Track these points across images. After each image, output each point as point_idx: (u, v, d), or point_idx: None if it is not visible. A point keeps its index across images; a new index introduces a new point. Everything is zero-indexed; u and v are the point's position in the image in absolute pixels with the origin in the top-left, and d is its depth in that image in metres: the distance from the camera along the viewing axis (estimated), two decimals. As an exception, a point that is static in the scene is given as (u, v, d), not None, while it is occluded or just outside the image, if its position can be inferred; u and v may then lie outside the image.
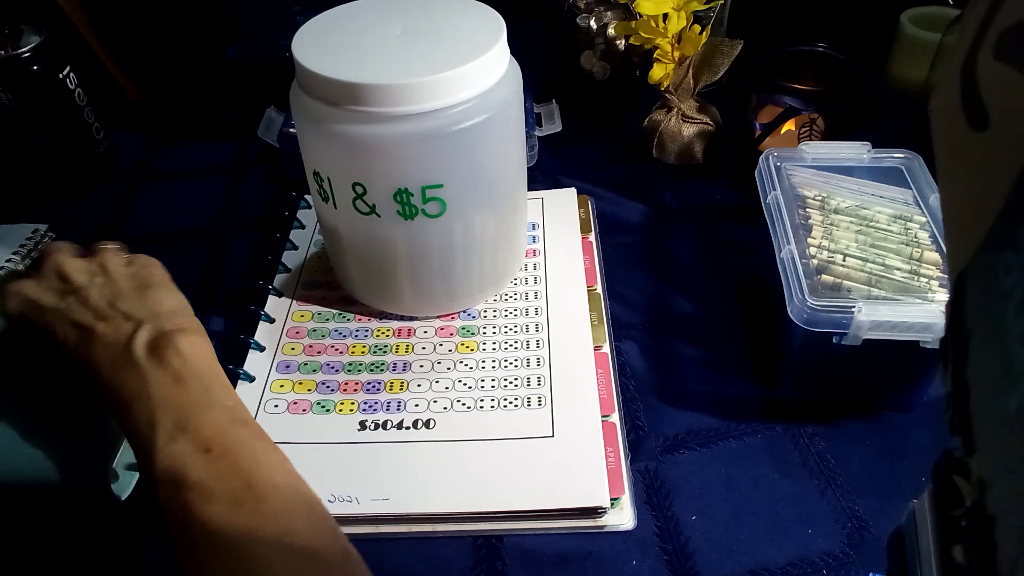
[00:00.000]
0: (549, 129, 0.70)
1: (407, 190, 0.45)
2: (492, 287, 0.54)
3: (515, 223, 0.53)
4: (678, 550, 0.41)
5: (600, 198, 0.65)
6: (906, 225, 0.49)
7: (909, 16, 0.72)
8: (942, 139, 0.17)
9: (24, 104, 0.63)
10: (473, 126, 0.44)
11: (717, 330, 0.53)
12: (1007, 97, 0.14)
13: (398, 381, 0.49)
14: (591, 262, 0.58)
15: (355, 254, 0.51)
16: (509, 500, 0.42)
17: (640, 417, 0.48)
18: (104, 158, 0.71)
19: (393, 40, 0.45)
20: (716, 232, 0.62)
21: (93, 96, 0.69)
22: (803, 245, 0.47)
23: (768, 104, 0.64)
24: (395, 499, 0.43)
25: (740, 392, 0.49)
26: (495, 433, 0.46)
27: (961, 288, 0.16)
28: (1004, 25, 0.14)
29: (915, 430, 0.46)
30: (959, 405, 0.16)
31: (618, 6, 0.68)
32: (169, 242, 0.63)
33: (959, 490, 0.17)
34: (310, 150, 0.47)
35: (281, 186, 0.68)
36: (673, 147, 0.67)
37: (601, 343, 0.51)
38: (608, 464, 0.44)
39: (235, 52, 0.77)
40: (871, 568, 0.40)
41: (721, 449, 0.46)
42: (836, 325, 0.42)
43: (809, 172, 0.53)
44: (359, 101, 0.42)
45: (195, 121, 0.78)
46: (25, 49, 0.62)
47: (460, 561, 0.41)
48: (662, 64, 0.64)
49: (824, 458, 0.45)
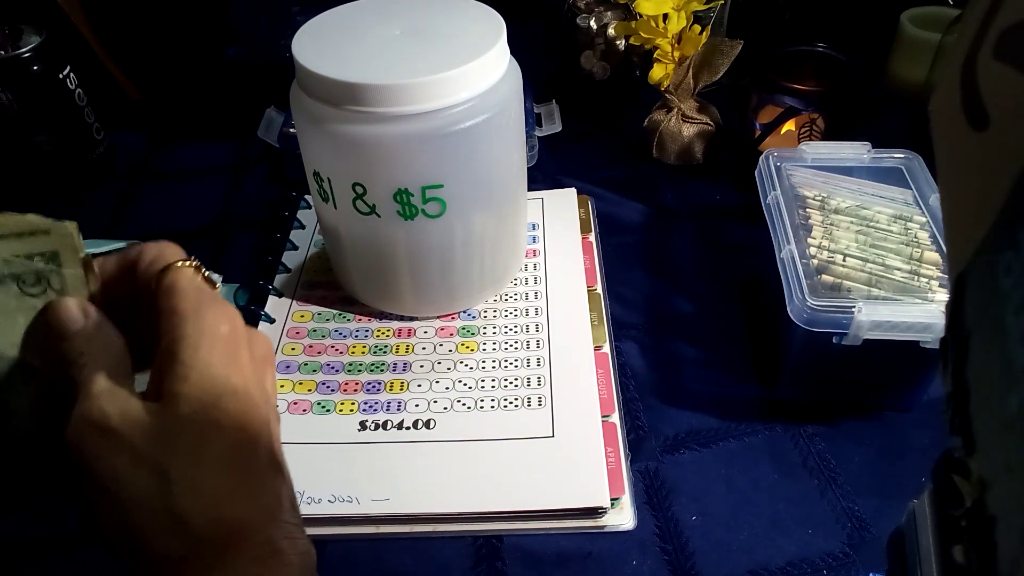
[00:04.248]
0: (549, 129, 0.70)
1: (407, 190, 0.45)
2: (492, 287, 0.54)
3: (515, 223, 0.53)
4: (678, 550, 0.41)
5: (600, 198, 0.65)
6: (906, 225, 0.49)
7: (909, 16, 0.72)
8: (942, 139, 0.17)
9: (24, 104, 0.63)
10: (473, 126, 0.44)
11: (717, 330, 0.53)
12: (1007, 97, 0.14)
13: (398, 381, 0.49)
14: (591, 262, 0.58)
15: (355, 254, 0.51)
16: (509, 500, 0.42)
17: (640, 417, 0.48)
18: (104, 158, 0.71)
19: (393, 40, 0.45)
20: (716, 232, 0.62)
21: (93, 96, 0.69)
22: (803, 245, 0.47)
23: (768, 104, 0.64)
24: (395, 499, 0.43)
25: (740, 392, 0.49)
26: (495, 433, 0.46)
27: (961, 288, 0.16)
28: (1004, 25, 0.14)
29: (915, 430, 0.46)
30: (959, 405, 0.16)
31: (618, 6, 0.68)
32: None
33: (959, 490, 0.17)
34: (310, 150, 0.47)
35: (281, 186, 0.68)
36: (673, 147, 0.67)
37: (601, 343, 0.51)
38: (608, 464, 0.44)
39: (235, 52, 0.77)
40: (871, 568, 0.40)
41: (721, 449, 0.46)
42: (836, 325, 0.42)
43: (809, 172, 0.53)
44: (359, 101, 0.42)
45: (195, 121, 0.78)
46: (25, 49, 0.62)
47: (460, 561, 0.41)
48: (662, 64, 0.64)
49: (824, 458, 0.45)
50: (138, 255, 0.30)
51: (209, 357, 0.27)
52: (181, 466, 0.26)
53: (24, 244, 0.27)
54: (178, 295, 0.28)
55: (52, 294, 0.28)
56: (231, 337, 0.28)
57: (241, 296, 0.56)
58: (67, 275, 0.28)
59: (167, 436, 0.26)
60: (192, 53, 0.78)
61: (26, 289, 0.28)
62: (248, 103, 0.73)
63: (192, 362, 0.26)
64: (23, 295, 0.28)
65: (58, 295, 0.28)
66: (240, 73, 0.77)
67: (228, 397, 0.27)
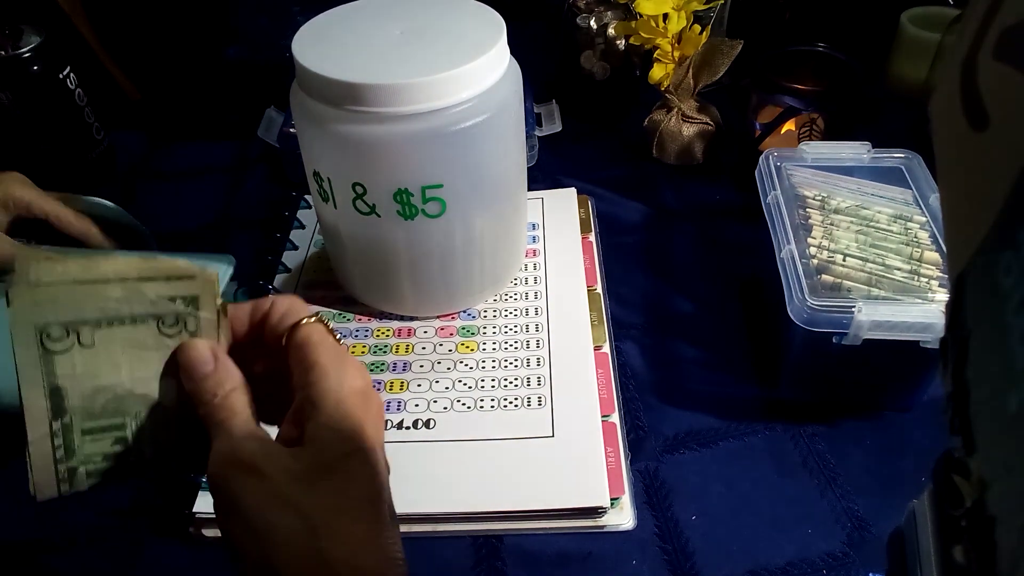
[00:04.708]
0: (549, 129, 0.70)
1: (407, 190, 0.45)
2: (492, 287, 0.54)
3: (515, 223, 0.53)
4: (678, 550, 0.41)
5: (600, 198, 0.65)
6: (906, 225, 0.49)
7: (909, 16, 0.72)
8: (942, 139, 0.17)
9: (24, 104, 0.63)
10: (473, 126, 0.44)
11: (717, 330, 0.53)
12: (1007, 97, 0.14)
13: (398, 381, 0.49)
14: (591, 262, 0.58)
15: (355, 254, 0.51)
16: (509, 500, 0.42)
17: (640, 417, 0.48)
18: (104, 158, 0.71)
19: (393, 40, 0.45)
20: (716, 232, 0.62)
21: (93, 96, 0.68)
22: (803, 245, 0.47)
23: (768, 104, 0.64)
24: (395, 499, 0.42)
25: (740, 392, 0.49)
26: (495, 433, 0.46)
27: (961, 288, 0.16)
28: (1004, 25, 0.14)
29: (915, 430, 0.46)
30: (959, 405, 0.16)
31: (618, 6, 0.68)
32: (169, 242, 0.63)
33: (959, 490, 0.17)
34: (310, 150, 0.47)
35: (281, 186, 0.68)
36: (673, 147, 0.67)
37: (601, 343, 0.51)
38: (608, 464, 0.44)
39: (235, 52, 0.77)
40: (871, 568, 0.40)
41: (721, 449, 0.46)
42: (836, 325, 0.42)
43: (809, 172, 0.53)
44: (359, 101, 0.42)
45: (195, 121, 0.78)
46: (25, 49, 0.62)
47: (460, 561, 0.41)
48: (662, 64, 0.64)
49: (824, 458, 0.45)
50: (270, 308, 0.31)
51: (347, 409, 0.28)
52: (324, 512, 0.27)
53: (170, 287, 0.29)
54: (315, 349, 0.29)
55: (186, 335, 0.30)
56: (364, 391, 0.29)
57: (241, 296, 0.56)
58: (203, 319, 0.30)
59: (310, 481, 0.27)
60: (192, 53, 0.78)
61: (164, 329, 0.29)
62: (248, 103, 0.73)
63: (333, 413, 0.28)
64: (160, 335, 0.29)
65: (191, 336, 0.30)
66: (240, 73, 0.77)
67: (361, 449, 0.28)
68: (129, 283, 0.28)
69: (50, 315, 0.27)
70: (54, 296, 0.27)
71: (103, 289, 0.28)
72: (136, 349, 0.29)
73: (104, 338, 0.28)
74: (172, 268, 0.29)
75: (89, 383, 0.28)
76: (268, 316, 0.31)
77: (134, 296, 0.28)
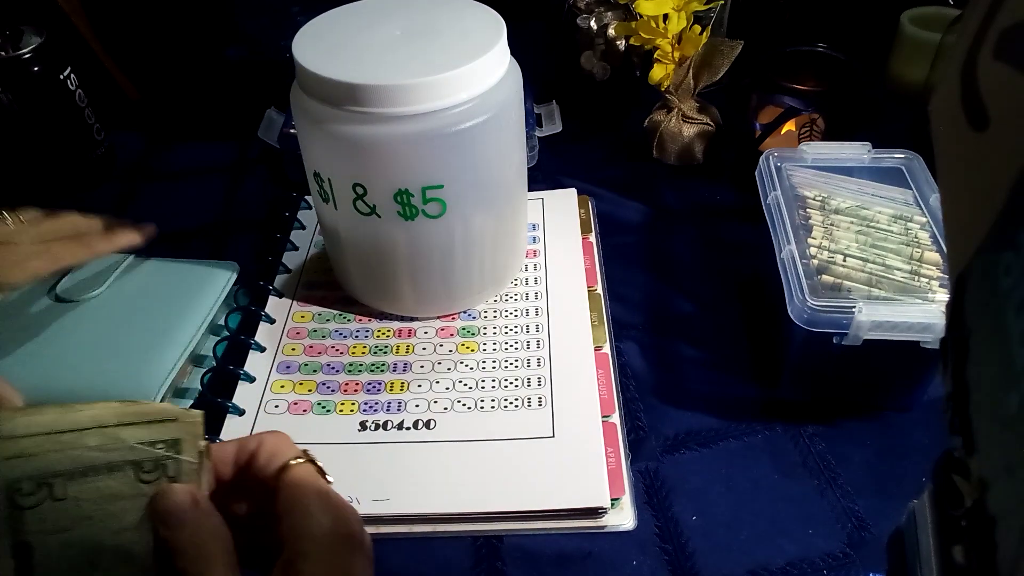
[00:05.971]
0: (549, 129, 0.70)
1: (407, 191, 0.45)
2: (492, 287, 0.54)
3: (515, 223, 0.53)
4: (678, 550, 0.41)
5: (600, 198, 0.65)
6: (906, 225, 0.49)
7: (909, 16, 0.72)
8: (942, 139, 0.17)
9: (25, 105, 0.63)
10: (473, 127, 0.44)
11: (717, 330, 0.53)
12: (1007, 97, 0.14)
13: (398, 382, 0.49)
14: (591, 262, 0.58)
15: (355, 255, 0.51)
16: (509, 500, 0.42)
17: (640, 417, 0.48)
18: (104, 158, 0.71)
19: (393, 40, 0.45)
20: (716, 232, 0.62)
21: (93, 96, 0.69)
22: (803, 245, 0.47)
23: (768, 104, 0.64)
24: (395, 499, 0.43)
25: (740, 392, 0.49)
26: (495, 433, 0.46)
27: (961, 288, 0.16)
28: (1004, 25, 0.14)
29: (915, 430, 0.46)
30: (959, 405, 0.16)
31: (618, 6, 0.68)
32: (169, 242, 0.63)
33: (959, 490, 0.17)
34: (310, 151, 0.48)
35: (281, 186, 0.68)
36: (673, 147, 0.67)
37: (601, 343, 0.51)
38: (608, 464, 0.44)
39: (235, 52, 0.77)
40: (871, 568, 0.40)
41: (721, 449, 0.46)
42: (836, 325, 0.42)
43: (809, 172, 0.53)
44: (359, 102, 0.42)
45: (195, 121, 0.78)
46: (26, 50, 0.62)
47: (460, 561, 0.41)
48: (662, 64, 0.64)
49: (824, 458, 0.45)
50: (257, 448, 0.30)
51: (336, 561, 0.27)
52: None
53: (151, 431, 0.28)
54: (304, 494, 0.28)
55: (165, 480, 0.28)
56: (357, 538, 0.28)
57: (241, 297, 0.56)
58: (183, 463, 0.28)
59: None
60: (192, 53, 0.78)
61: (142, 475, 0.28)
62: (248, 103, 0.73)
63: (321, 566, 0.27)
64: (138, 481, 0.28)
65: (171, 481, 0.28)
66: (240, 73, 0.77)
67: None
68: (108, 430, 0.27)
69: (21, 470, 0.26)
70: (27, 450, 0.26)
71: (79, 438, 0.27)
72: (111, 500, 0.27)
73: (77, 490, 0.27)
74: (153, 411, 0.28)
75: (58, 538, 0.27)
76: (255, 457, 0.30)
77: (111, 443, 0.27)
